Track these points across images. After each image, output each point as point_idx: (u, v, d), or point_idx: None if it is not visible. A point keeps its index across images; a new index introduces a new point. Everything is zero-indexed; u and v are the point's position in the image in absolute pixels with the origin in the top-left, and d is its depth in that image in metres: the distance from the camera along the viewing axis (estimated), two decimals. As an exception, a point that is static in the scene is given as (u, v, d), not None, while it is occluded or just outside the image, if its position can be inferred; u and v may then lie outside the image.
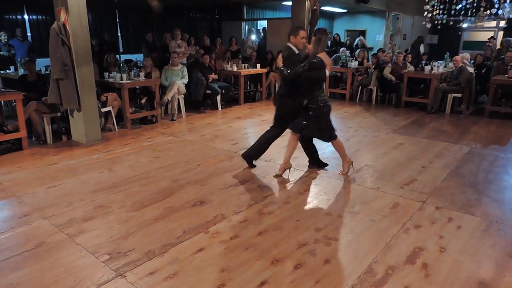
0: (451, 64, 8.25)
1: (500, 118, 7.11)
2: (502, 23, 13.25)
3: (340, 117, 7.14)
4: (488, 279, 2.42)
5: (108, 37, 9.24)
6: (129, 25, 12.25)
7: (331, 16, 14.20)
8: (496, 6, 10.19)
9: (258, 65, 8.60)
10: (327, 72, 3.95)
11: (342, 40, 12.23)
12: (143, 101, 6.80)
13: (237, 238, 2.85)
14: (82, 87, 5.03)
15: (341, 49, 9.58)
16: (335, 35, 12.08)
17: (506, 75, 7.23)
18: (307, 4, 8.65)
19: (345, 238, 2.86)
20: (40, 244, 2.75)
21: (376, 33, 13.03)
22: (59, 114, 5.44)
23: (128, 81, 6.13)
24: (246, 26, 11.25)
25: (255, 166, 4.41)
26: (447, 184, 3.94)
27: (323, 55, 3.85)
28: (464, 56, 8.32)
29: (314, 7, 8.69)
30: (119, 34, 11.97)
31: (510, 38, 9.06)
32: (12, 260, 2.57)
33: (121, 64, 6.57)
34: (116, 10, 11.74)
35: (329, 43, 11.71)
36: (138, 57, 9.82)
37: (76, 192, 3.66)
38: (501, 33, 13.34)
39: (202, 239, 2.84)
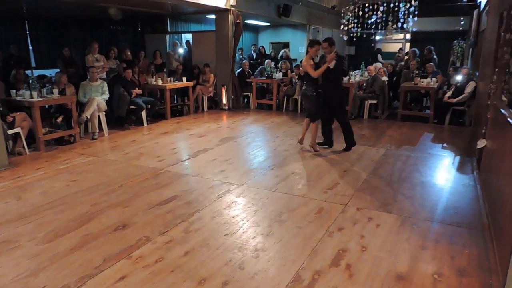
0: (366, 73, 8.88)
1: (410, 120, 7.79)
2: (408, 36, 14.65)
3: (267, 127, 7.28)
4: (404, 271, 2.58)
5: (16, 50, 8.46)
6: (42, 37, 11.35)
7: (256, 29, 14.56)
8: (402, 20, 11.28)
9: (184, 78, 8.48)
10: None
11: (267, 52, 12.56)
12: (59, 120, 6.29)
13: (163, 260, 2.71)
14: (-18, 108, 4.52)
15: (266, 61, 9.83)
16: (260, 47, 12.36)
17: (413, 82, 7.97)
18: (230, 17, 8.79)
19: (273, 248, 2.87)
20: None
21: (299, 45, 13.59)
22: (-45, 139, 4.81)
23: (39, 99, 5.64)
24: (171, 39, 11.07)
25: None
26: (367, 186, 4.18)
27: (303, 61, 5.33)
28: (377, 66, 9.03)
29: (237, 21, 8.86)
30: (30, 48, 11.04)
31: (416, 49, 10.00)
32: None
33: (31, 81, 6.03)
34: (26, 22, 10.83)
35: (254, 55, 11.98)
36: (53, 73, 9.13)
37: (-24, 227, 3.24)
38: (408, 44, 14.73)
39: (124, 265, 2.66)
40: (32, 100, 5.53)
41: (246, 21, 11.46)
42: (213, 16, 9.44)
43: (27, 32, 10.86)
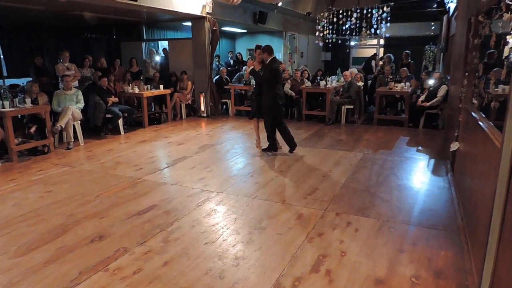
0: (343, 79, 9.04)
1: (386, 124, 7.95)
2: (382, 41, 15.01)
3: (246, 134, 7.28)
4: (383, 275, 2.61)
5: (-15, 60, 8.18)
6: (14, 46, 11.06)
7: (233, 36, 14.61)
8: (375, 26, 11.56)
9: (162, 86, 8.40)
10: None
11: (244, 59, 12.61)
12: (32, 130, 6.10)
13: (141, 271, 2.66)
14: (-51, 119, 4.34)
15: (244, 68, 9.85)
16: (238, 54, 12.42)
17: (388, 87, 8.16)
18: (207, 24, 8.79)
19: (253, 256, 2.86)
20: None
21: (275, 52, 13.59)
22: None
23: (11, 109, 5.47)
24: (147, 47, 10.96)
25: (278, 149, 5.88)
26: (345, 190, 4.23)
27: None
28: (353, 71, 9.19)
29: (214, 28, 8.86)
30: (2, 56, 10.73)
31: (391, 54, 10.23)
32: None
33: (3, 90, 5.84)
34: (-4, 30, 10.54)
35: (231, 62, 12.01)
36: (26, 82, 8.88)
37: None
38: (382, 50, 15.09)
39: (101, 278, 2.59)
40: (4, 110, 5.36)
41: (222, 28, 11.48)
42: (189, 24, 9.42)
43: (-2, 40, 10.56)
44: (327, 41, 12.86)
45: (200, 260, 2.80)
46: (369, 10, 11.57)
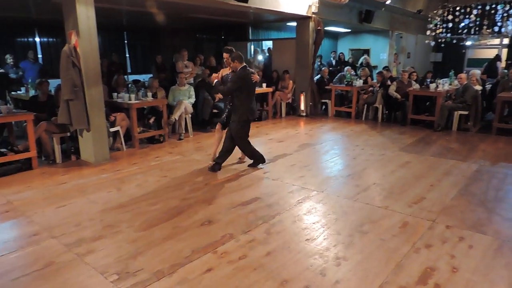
0: (456, 82, 8.27)
1: (507, 135, 7.06)
2: (506, 41, 13.33)
3: (346, 135, 7.15)
4: (502, 300, 2.37)
5: (117, 58, 9.42)
6: (137, 46, 12.52)
7: (335, 36, 14.40)
8: (499, 24, 10.33)
9: (264, 84, 8.69)
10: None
11: (346, 59, 12.34)
12: (151, 120, 6.87)
13: (246, 258, 2.83)
14: (91, 107, 5.12)
15: (346, 68, 9.66)
16: (340, 54, 12.19)
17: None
18: (311, 24, 8.82)
19: (354, 258, 2.83)
20: (49, 264, 2.75)
21: (380, 52, 13.14)
22: (68, 134, 5.51)
23: (136, 101, 6.22)
24: (252, 46, 11.44)
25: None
26: (457, 203, 3.90)
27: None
28: (474, 74, 8.30)
29: (318, 28, 8.84)
30: (127, 55, 12.23)
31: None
32: (22, 280, 2.57)
33: (130, 85, 6.68)
34: (125, 32, 12.03)
35: (333, 62, 11.85)
36: (145, 78, 10.01)
37: (85, 211, 3.68)
38: (504, 50, 13.40)
39: (211, 259, 2.82)
40: (130, 102, 6.12)
41: (326, 28, 11.38)
42: (293, 24, 9.55)
43: (125, 41, 12.05)
44: (439, 40, 11.92)
45: (301, 255, 2.87)
46: (493, 5, 10.39)
